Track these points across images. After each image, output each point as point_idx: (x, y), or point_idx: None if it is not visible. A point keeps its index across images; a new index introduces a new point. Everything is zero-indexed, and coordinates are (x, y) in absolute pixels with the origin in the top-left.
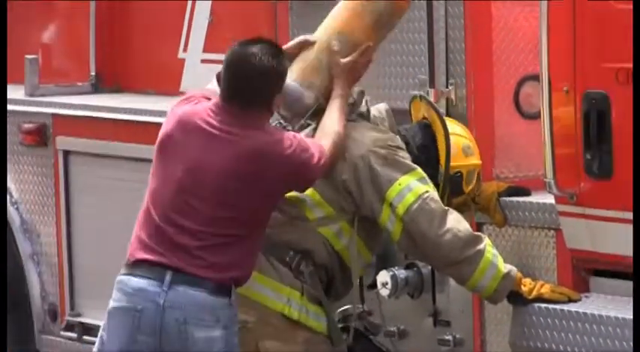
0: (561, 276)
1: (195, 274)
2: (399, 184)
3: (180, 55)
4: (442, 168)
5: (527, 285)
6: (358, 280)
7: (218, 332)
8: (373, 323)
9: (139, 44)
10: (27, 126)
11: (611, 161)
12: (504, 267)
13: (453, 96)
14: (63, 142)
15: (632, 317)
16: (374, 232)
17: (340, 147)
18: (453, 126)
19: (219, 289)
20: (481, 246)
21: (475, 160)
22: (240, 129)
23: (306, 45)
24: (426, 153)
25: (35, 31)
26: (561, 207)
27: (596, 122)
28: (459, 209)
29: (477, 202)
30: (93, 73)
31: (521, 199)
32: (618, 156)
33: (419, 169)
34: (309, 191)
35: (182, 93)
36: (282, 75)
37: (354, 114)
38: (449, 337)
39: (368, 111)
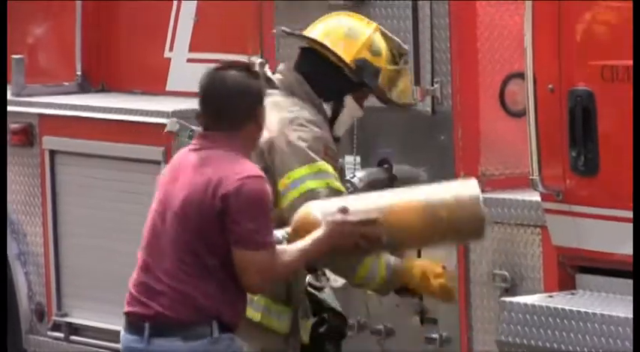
0: (547, 274)
1: (171, 318)
2: (288, 178)
3: (167, 54)
4: (344, 67)
5: (415, 277)
6: None
7: None
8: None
9: (125, 44)
10: (13, 126)
11: (597, 158)
12: (386, 262)
13: (438, 95)
14: (49, 142)
15: (618, 314)
16: None
17: (272, 278)
18: (322, 25)
19: (193, 333)
20: None
21: (365, 34)
22: (204, 156)
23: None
24: (327, 74)
25: (21, 30)
26: (547, 205)
27: (581, 119)
28: (392, 79)
29: (403, 53)
30: (79, 73)
31: (506, 196)
32: (604, 154)
33: (318, 163)
34: None
35: (168, 92)
36: (255, 90)
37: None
38: (436, 335)
39: (269, 78)
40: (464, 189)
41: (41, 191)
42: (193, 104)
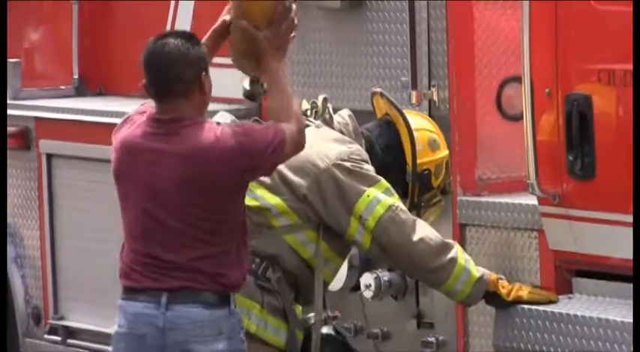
0: (544, 277)
1: (190, 288)
2: (367, 196)
3: None
4: (409, 168)
5: (505, 287)
6: (321, 288)
7: (221, 345)
8: (340, 326)
9: (122, 46)
10: (10, 129)
11: (594, 162)
12: (477, 271)
13: (435, 98)
14: (46, 145)
15: (615, 318)
16: (342, 239)
17: (302, 124)
18: (417, 121)
19: (216, 301)
20: (453, 253)
21: (442, 153)
22: (174, 129)
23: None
24: (392, 153)
25: (18, 34)
26: (544, 208)
27: (578, 123)
28: (429, 204)
29: (448, 191)
30: (76, 76)
31: (503, 200)
32: (600, 157)
33: (383, 181)
34: (274, 200)
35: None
36: (196, 57)
37: (319, 120)
38: (432, 339)
39: (331, 117)
40: None
41: (38, 194)
42: None
